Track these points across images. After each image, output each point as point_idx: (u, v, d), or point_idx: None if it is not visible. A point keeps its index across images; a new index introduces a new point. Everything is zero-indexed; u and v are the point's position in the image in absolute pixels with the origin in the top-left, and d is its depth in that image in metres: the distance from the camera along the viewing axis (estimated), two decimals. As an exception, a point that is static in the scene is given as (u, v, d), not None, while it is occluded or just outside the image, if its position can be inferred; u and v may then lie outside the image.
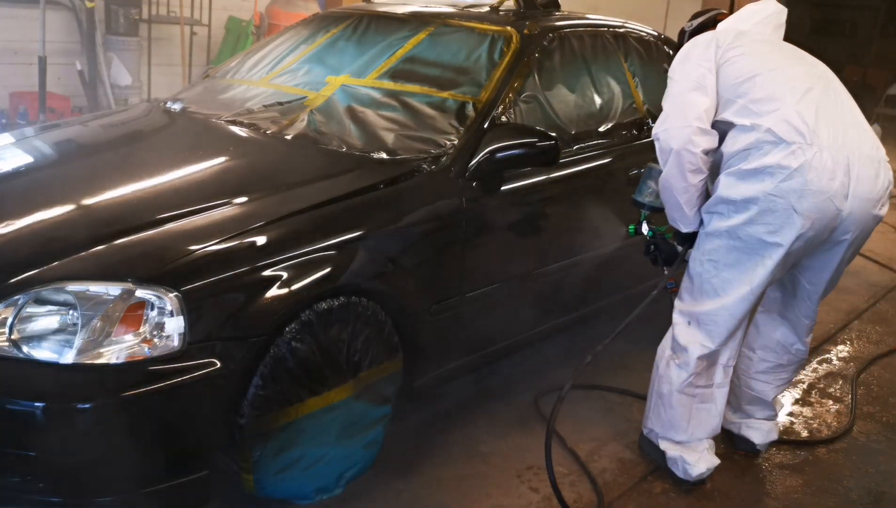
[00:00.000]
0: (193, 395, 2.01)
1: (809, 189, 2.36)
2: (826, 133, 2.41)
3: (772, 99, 2.44)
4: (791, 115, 2.40)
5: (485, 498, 2.55)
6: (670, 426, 2.69)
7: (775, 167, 2.38)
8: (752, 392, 2.86)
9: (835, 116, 2.46)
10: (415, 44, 3.17)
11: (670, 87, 2.61)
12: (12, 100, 5.78)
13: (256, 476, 2.17)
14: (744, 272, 2.49)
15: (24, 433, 1.91)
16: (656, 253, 2.84)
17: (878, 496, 2.79)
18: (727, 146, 2.50)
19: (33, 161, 2.76)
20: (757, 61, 2.51)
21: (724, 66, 2.52)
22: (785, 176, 2.37)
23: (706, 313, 2.57)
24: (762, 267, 2.46)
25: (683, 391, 2.63)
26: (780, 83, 2.48)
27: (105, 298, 1.97)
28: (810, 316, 2.76)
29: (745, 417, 2.92)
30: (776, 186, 2.38)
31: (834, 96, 2.53)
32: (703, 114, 2.48)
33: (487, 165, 2.67)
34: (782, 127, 2.40)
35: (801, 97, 2.44)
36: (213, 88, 3.43)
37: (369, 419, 2.45)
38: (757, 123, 2.42)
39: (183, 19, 6.37)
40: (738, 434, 2.93)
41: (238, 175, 2.61)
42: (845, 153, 2.41)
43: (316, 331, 2.21)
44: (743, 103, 2.47)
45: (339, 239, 2.32)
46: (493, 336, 2.96)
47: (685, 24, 2.91)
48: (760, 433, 2.90)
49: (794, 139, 2.38)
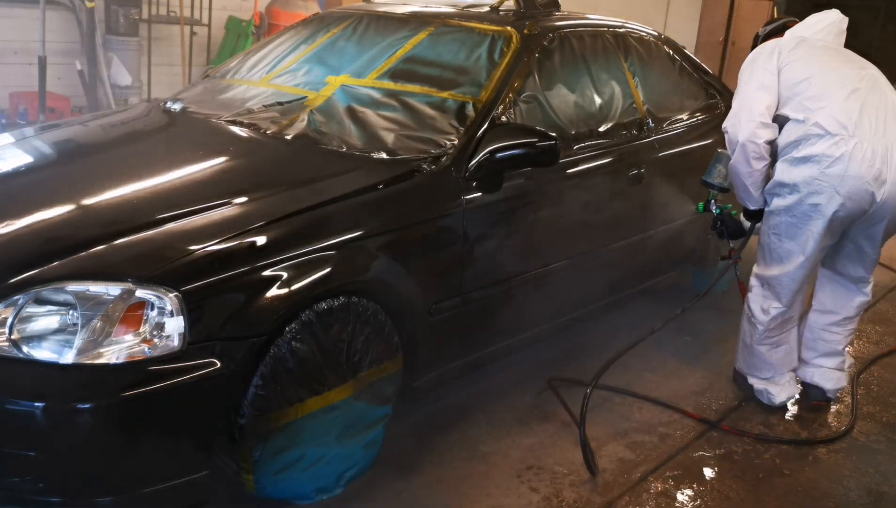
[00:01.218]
0: (193, 395, 2.01)
1: (849, 174, 2.79)
2: (868, 127, 2.82)
3: (822, 97, 2.85)
4: (837, 110, 2.81)
5: (485, 498, 2.55)
6: (755, 367, 3.24)
7: (821, 155, 2.81)
8: (826, 344, 3.27)
9: (877, 112, 2.85)
10: (415, 44, 3.17)
11: (739, 86, 3.03)
12: (12, 100, 5.78)
13: (256, 476, 2.17)
14: (799, 243, 2.96)
15: (24, 433, 1.91)
16: (722, 228, 3.27)
17: (878, 496, 2.79)
18: (783, 138, 2.93)
19: (33, 161, 2.76)
20: (812, 65, 2.93)
21: (785, 69, 2.94)
22: (829, 163, 2.81)
23: (774, 278, 3.06)
24: (812, 239, 2.92)
25: (762, 342, 3.17)
26: (830, 83, 2.88)
27: (105, 298, 1.97)
28: (868, 269, 3.17)
29: (818, 367, 3.30)
30: (822, 171, 2.82)
31: (879, 94, 2.91)
32: (766, 110, 2.91)
33: (487, 165, 2.67)
34: (829, 121, 2.81)
35: (848, 95, 2.84)
36: (213, 88, 3.43)
37: (369, 419, 2.45)
38: (808, 117, 2.85)
39: (183, 19, 6.37)
40: (810, 383, 3.31)
41: (238, 175, 2.61)
42: (884, 144, 2.82)
43: (316, 331, 2.21)
44: (798, 100, 2.89)
45: (339, 239, 2.32)
46: (493, 336, 2.96)
47: (759, 29, 3.37)
48: (831, 381, 3.28)
49: (838, 131, 2.80)
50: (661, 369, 3.51)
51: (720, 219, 3.27)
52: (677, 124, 3.78)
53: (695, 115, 3.95)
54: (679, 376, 3.48)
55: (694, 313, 4.09)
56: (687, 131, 3.82)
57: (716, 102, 4.15)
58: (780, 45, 3.01)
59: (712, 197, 3.29)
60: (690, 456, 2.89)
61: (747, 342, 3.23)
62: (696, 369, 3.55)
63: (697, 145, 3.88)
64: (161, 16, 6.34)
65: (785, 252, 3.01)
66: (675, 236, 3.84)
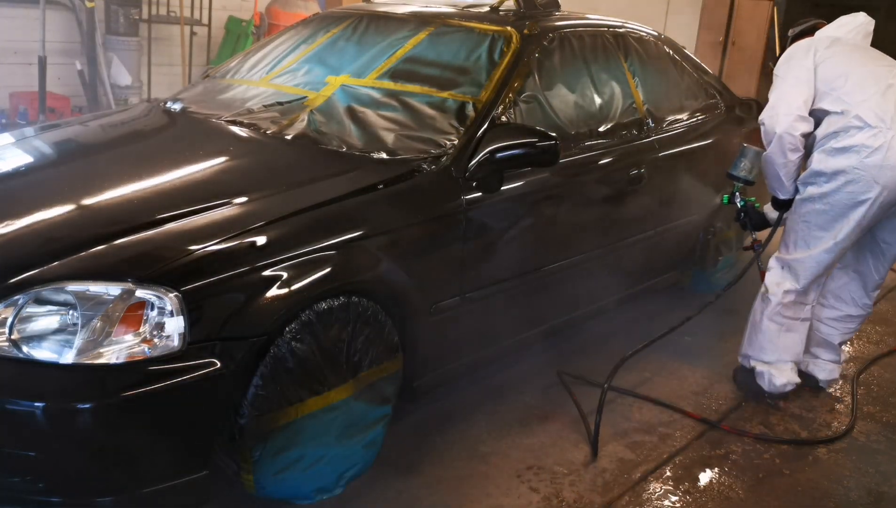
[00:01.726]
0: (193, 395, 2.01)
1: (887, 164, 2.94)
2: None
3: (860, 92, 3.02)
4: (875, 104, 2.98)
5: (485, 498, 2.55)
6: (760, 348, 3.32)
7: (860, 146, 2.97)
8: (820, 335, 3.42)
9: None
10: (415, 44, 3.17)
11: (776, 82, 3.18)
12: (12, 100, 5.78)
13: (256, 476, 2.17)
14: (830, 230, 3.10)
15: (24, 434, 1.91)
16: (746, 219, 3.44)
17: (878, 496, 2.79)
18: (822, 129, 3.08)
19: (33, 161, 2.76)
20: (848, 62, 3.10)
21: (821, 65, 3.09)
22: (868, 153, 2.96)
23: (797, 261, 3.19)
24: (846, 225, 3.06)
25: (772, 319, 3.26)
26: (866, 79, 3.04)
27: (105, 298, 1.97)
28: (881, 273, 3.31)
29: (813, 357, 3.46)
30: (860, 161, 2.97)
31: None
32: (802, 104, 3.06)
33: (487, 165, 2.67)
34: (868, 114, 2.97)
35: (885, 90, 3.01)
36: (213, 88, 3.43)
37: (369, 419, 2.45)
38: (847, 110, 3.01)
39: (183, 19, 6.37)
40: (805, 371, 3.45)
41: (238, 175, 2.60)
42: None
43: (316, 331, 2.21)
44: (836, 95, 3.05)
45: (339, 239, 2.32)
46: (492, 336, 2.96)
47: (790, 30, 3.48)
48: (824, 372, 3.46)
49: (876, 124, 2.96)
50: (661, 369, 3.51)
51: (744, 211, 3.44)
52: (677, 124, 3.78)
53: (695, 115, 3.95)
54: (679, 376, 3.48)
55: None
56: (687, 131, 3.82)
57: (716, 102, 4.15)
58: (815, 44, 3.17)
59: (737, 189, 3.43)
60: (690, 456, 2.89)
61: (756, 319, 3.33)
62: (697, 369, 3.55)
63: (697, 145, 3.88)
64: (161, 16, 6.34)
65: (813, 238, 3.14)
66: (675, 236, 3.85)
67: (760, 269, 3.41)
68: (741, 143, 3.50)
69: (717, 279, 4.29)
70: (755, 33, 11.77)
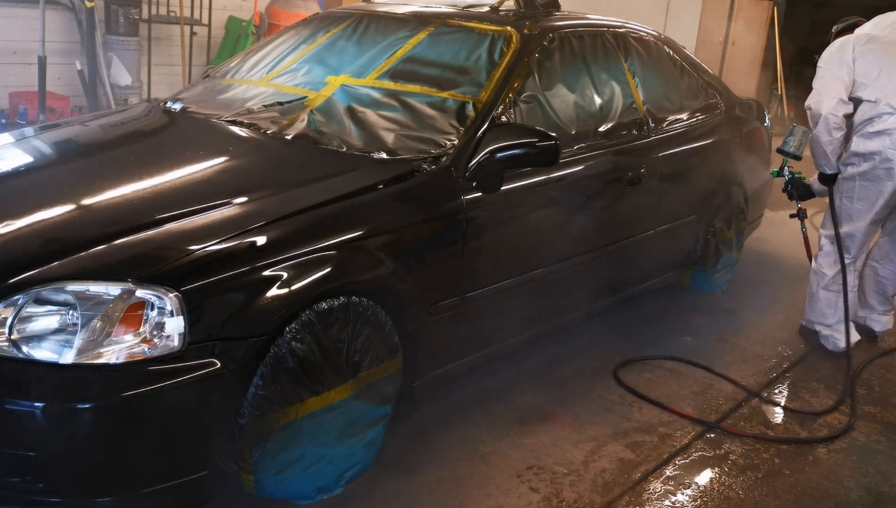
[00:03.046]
0: (193, 395, 2.01)
1: None
2: None
3: (891, 82, 3.49)
4: None
5: (485, 498, 2.55)
6: (821, 314, 3.86)
7: (893, 130, 3.50)
8: (875, 289, 3.98)
9: None
10: (415, 44, 3.17)
11: (819, 71, 3.65)
12: (12, 100, 5.78)
13: (256, 476, 2.17)
14: (868, 203, 3.65)
15: (24, 433, 1.91)
16: (792, 190, 3.95)
17: (879, 496, 2.79)
18: (858, 116, 3.60)
19: (33, 161, 2.76)
20: (883, 57, 3.56)
21: (858, 59, 3.57)
22: None
23: (846, 234, 3.72)
24: (881, 198, 3.61)
25: (828, 289, 3.80)
26: None
27: (105, 298, 1.97)
28: None
29: (870, 311, 4.05)
30: (893, 142, 3.50)
31: None
32: (843, 90, 3.54)
33: (487, 165, 2.67)
34: None
35: None
36: (213, 88, 3.43)
37: (369, 419, 2.45)
38: (880, 99, 3.51)
39: (183, 19, 6.37)
40: (863, 325, 4.03)
41: (238, 175, 2.61)
42: None
43: (316, 331, 2.21)
44: (872, 86, 3.53)
45: (339, 239, 2.32)
46: (493, 336, 2.96)
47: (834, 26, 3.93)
48: (879, 324, 4.04)
49: None
50: (661, 369, 3.51)
51: (791, 182, 3.93)
52: (677, 124, 3.78)
53: (695, 115, 3.95)
54: (679, 376, 3.48)
55: (694, 313, 4.11)
56: (687, 131, 3.82)
57: (715, 101, 4.16)
58: (853, 40, 3.62)
59: (785, 163, 3.91)
60: (691, 456, 2.89)
61: (813, 290, 3.87)
62: (697, 368, 3.55)
63: (697, 145, 3.88)
64: (161, 16, 6.35)
65: (855, 211, 3.68)
66: (675, 236, 3.85)
67: (805, 236, 3.91)
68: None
69: (717, 279, 4.30)
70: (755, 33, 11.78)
